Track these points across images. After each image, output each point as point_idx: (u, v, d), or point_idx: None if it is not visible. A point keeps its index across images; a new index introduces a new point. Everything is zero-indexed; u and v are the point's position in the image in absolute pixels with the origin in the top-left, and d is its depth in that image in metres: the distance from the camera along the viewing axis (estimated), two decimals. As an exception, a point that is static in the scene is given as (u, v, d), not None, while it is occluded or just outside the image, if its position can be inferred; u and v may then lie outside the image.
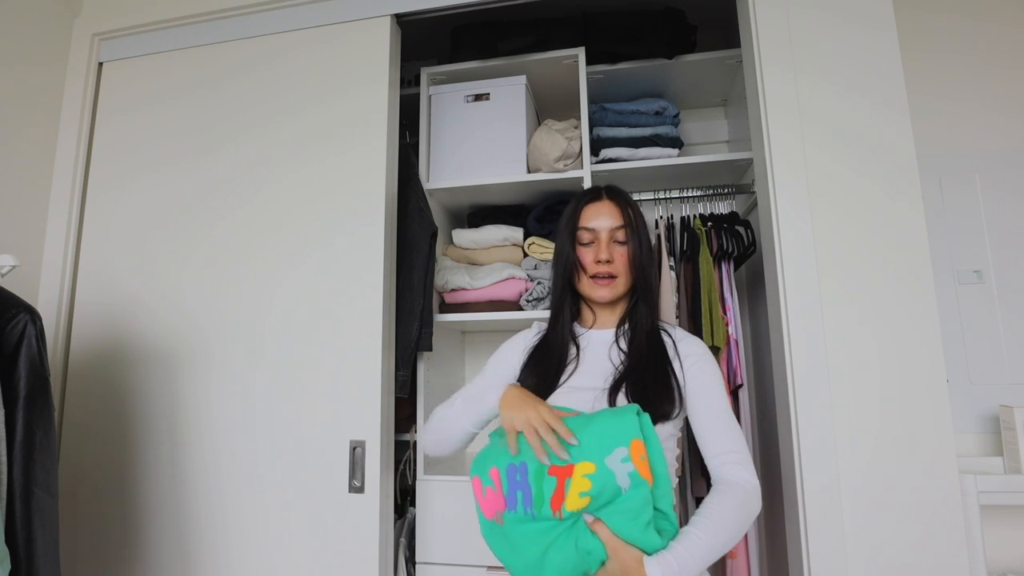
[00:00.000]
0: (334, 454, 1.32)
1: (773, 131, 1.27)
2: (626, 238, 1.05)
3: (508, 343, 1.14)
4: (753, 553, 1.48)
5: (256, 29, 1.58)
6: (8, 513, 0.98)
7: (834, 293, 1.20)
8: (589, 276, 1.04)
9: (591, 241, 1.06)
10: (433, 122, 1.72)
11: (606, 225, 1.05)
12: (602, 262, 1.03)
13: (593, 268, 1.04)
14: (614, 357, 1.03)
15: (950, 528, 1.09)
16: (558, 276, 1.10)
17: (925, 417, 1.13)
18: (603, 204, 1.07)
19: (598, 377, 1.01)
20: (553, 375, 1.02)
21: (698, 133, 2.01)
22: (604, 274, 1.03)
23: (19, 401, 1.01)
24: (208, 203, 1.52)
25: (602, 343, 1.06)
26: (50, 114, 1.63)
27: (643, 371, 0.99)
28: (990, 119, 1.72)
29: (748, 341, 1.77)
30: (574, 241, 1.07)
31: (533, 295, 1.56)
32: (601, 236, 1.05)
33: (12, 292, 1.07)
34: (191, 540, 1.38)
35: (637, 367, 0.99)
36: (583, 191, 1.13)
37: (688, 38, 1.70)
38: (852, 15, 1.29)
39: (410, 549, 1.53)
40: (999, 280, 1.66)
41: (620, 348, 1.04)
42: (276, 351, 1.40)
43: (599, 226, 1.05)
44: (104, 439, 1.46)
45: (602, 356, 1.04)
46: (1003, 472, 1.53)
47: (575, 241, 1.07)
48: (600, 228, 1.05)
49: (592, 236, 1.06)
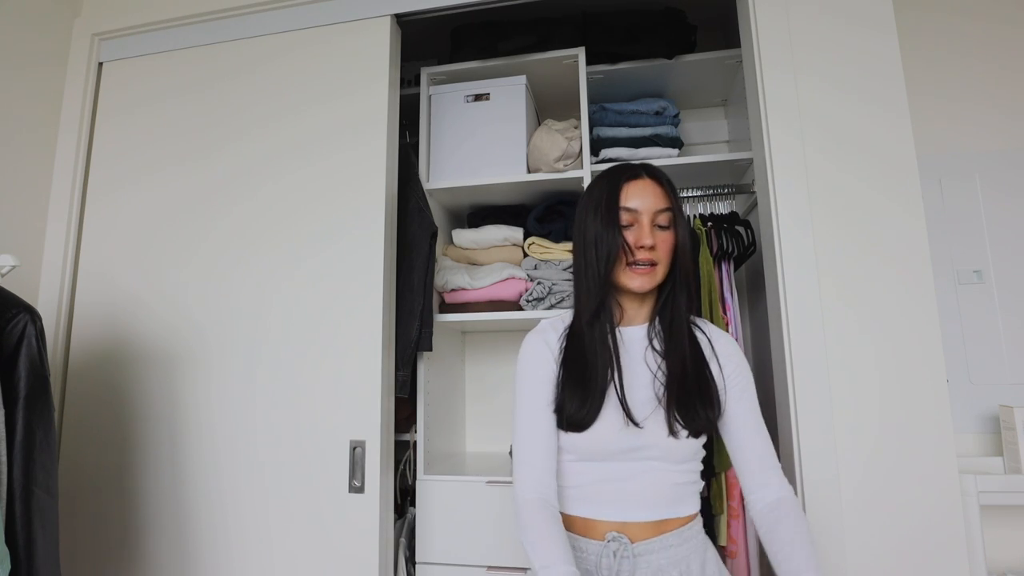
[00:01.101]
0: (334, 454, 1.32)
1: (773, 131, 1.27)
2: (669, 222, 0.94)
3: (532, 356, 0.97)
4: (753, 553, 1.48)
5: (256, 29, 1.58)
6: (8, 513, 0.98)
7: (834, 293, 1.20)
8: (627, 263, 0.92)
9: (631, 223, 0.93)
10: (433, 122, 1.72)
11: (649, 207, 0.92)
12: (644, 248, 0.91)
13: (634, 254, 0.91)
14: (650, 359, 0.94)
15: (950, 528, 1.09)
16: (594, 266, 0.93)
17: (925, 417, 1.13)
18: (645, 183, 0.94)
19: (643, 386, 0.93)
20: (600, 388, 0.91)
21: (698, 133, 2.01)
22: (645, 261, 0.91)
23: (19, 401, 1.01)
24: (208, 203, 1.52)
25: (637, 342, 0.96)
26: (50, 114, 1.63)
27: (688, 378, 0.91)
28: (990, 119, 1.72)
29: (748, 341, 1.77)
30: (618, 222, 0.92)
31: (533, 295, 1.56)
32: (643, 219, 0.92)
33: (12, 292, 1.07)
34: (191, 540, 1.38)
35: (684, 374, 0.91)
36: (616, 168, 0.98)
37: (688, 38, 1.70)
38: (852, 15, 1.29)
39: (410, 549, 1.53)
40: (999, 280, 1.66)
41: (655, 348, 0.95)
42: (276, 351, 1.40)
43: (642, 207, 0.92)
44: (104, 439, 1.46)
45: (639, 358, 0.95)
46: (1003, 472, 1.53)
47: (619, 223, 0.92)
48: (643, 209, 0.92)
49: (632, 218, 0.92)
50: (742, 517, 1.47)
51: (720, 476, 1.47)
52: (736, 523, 1.47)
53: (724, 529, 1.47)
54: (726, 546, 1.47)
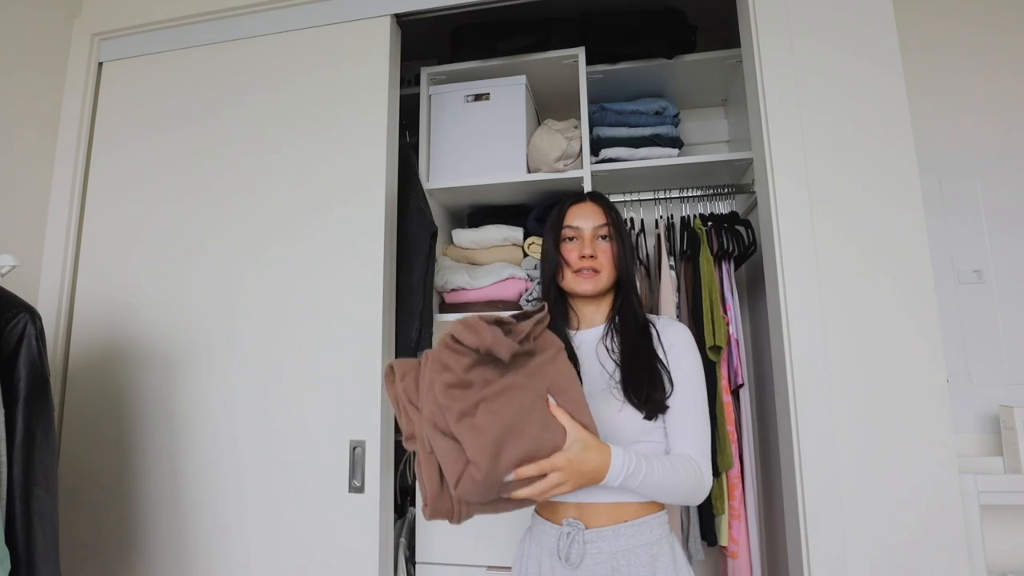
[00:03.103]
0: (334, 454, 1.32)
1: (773, 131, 1.27)
2: (609, 235, 1.09)
3: None
4: (755, 553, 1.48)
5: (256, 29, 1.58)
6: (8, 513, 0.98)
7: (834, 293, 1.20)
8: (573, 271, 1.08)
9: (575, 238, 1.10)
10: (433, 122, 1.72)
11: (589, 224, 1.10)
12: (586, 257, 1.06)
13: (577, 263, 1.07)
14: (602, 355, 1.05)
15: (950, 528, 1.09)
16: (545, 275, 1.13)
17: (925, 417, 1.13)
18: (586, 205, 1.12)
19: (595, 380, 1.03)
20: None
21: (698, 133, 2.01)
22: (588, 268, 1.06)
23: (19, 401, 1.01)
24: (208, 203, 1.52)
25: (590, 343, 1.08)
26: (50, 114, 1.63)
27: (638, 368, 1.01)
28: (990, 119, 1.72)
29: (748, 341, 1.77)
30: (558, 240, 1.11)
31: (533, 295, 1.56)
32: (585, 234, 1.09)
33: (12, 292, 1.08)
34: (191, 539, 1.38)
35: (633, 364, 1.01)
36: (567, 196, 1.17)
37: (688, 38, 1.70)
38: (852, 15, 1.29)
39: (410, 549, 1.53)
40: (999, 280, 1.66)
41: (606, 346, 1.06)
42: (276, 351, 1.40)
43: (583, 224, 1.10)
44: (104, 439, 1.46)
45: (591, 356, 1.06)
46: (1003, 472, 1.53)
47: (559, 239, 1.11)
48: (584, 226, 1.10)
49: (576, 233, 1.10)
50: (743, 517, 1.47)
51: (721, 476, 1.47)
52: (737, 523, 1.47)
53: (725, 529, 1.47)
54: (727, 546, 1.47)
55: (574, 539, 0.95)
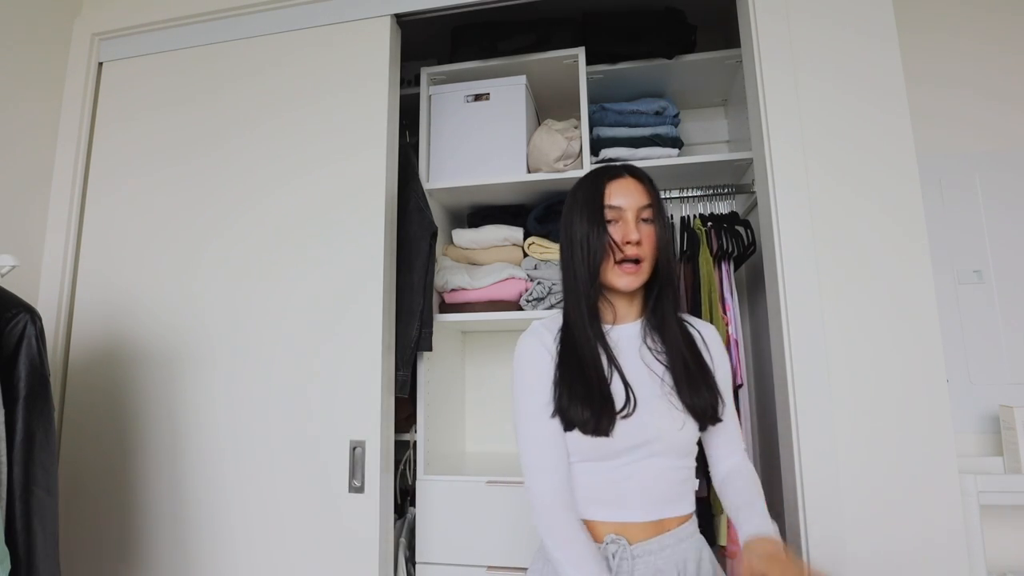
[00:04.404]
0: (334, 454, 1.32)
1: (773, 131, 1.27)
2: (653, 216, 0.94)
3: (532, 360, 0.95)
4: (753, 553, 1.48)
5: (256, 29, 1.58)
6: (8, 513, 0.98)
7: (834, 293, 1.20)
8: (615, 262, 0.92)
9: (614, 220, 0.93)
10: (433, 122, 1.72)
11: (633, 203, 0.93)
12: (632, 243, 0.91)
13: (622, 250, 0.91)
14: (646, 356, 0.95)
15: (950, 528, 1.09)
16: (582, 265, 0.93)
17: (925, 417, 1.13)
18: (627, 181, 0.95)
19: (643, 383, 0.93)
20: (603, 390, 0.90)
21: (698, 133, 2.01)
22: (632, 257, 0.92)
23: (19, 401, 1.01)
24: (208, 202, 1.52)
25: (630, 340, 0.97)
26: (50, 114, 1.63)
27: (695, 376, 0.93)
28: (990, 120, 1.72)
29: (748, 341, 1.77)
30: (602, 220, 0.92)
31: (533, 295, 1.56)
32: (627, 215, 0.93)
33: (12, 292, 1.08)
34: (191, 539, 1.38)
35: (688, 371, 0.93)
36: (597, 170, 0.99)
37: (688, 38, 1.70)
38: (852, 15, 1.29)
39: (410, 549, 1.53)
40: (999, 280, 1.65)
41: (648, 345, 0.96)
42: (276, 351, 1.40)
43: (626, 204, 0.93)
44: (104, 439, 1.46)
45: (634, 355, 0.95)
46: (1003, 472, 1.53)
47: (604, 221, 0.92)
48: (627, 206, 0.93)
49: (618, 215, 0.93)
50: (742, 517, 1.47)
51: (720, 476, 1.47)
52: (736, 523, 1.47)
53: (724, 529, 1.47)
54: (726, 546, 1.47)
55: (621, 557, 0.88)
